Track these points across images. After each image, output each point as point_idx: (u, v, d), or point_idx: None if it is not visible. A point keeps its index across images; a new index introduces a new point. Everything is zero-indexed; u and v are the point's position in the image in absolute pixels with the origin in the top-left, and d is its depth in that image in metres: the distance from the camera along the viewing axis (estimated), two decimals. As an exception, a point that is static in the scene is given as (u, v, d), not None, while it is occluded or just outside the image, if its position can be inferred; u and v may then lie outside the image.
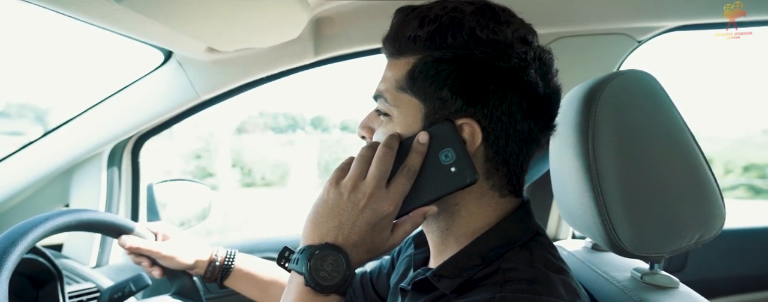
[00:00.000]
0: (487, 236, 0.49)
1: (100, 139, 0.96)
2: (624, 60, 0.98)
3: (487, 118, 0.46)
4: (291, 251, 0.50)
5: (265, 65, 0.97)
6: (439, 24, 0.46)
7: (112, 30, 0.71)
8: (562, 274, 0.46)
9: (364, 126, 0.55)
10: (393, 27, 0.50)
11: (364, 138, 0.56)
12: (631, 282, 0.65)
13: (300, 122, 10.10)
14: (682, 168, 0.56)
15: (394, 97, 0.49)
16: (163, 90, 0.96)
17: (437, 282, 0.48)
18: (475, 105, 0.46)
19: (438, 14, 0.47)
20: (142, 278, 0.78)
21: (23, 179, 0.95)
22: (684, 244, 0.57)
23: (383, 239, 0.47)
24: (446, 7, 0.47)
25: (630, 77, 0.58)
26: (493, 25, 0.46)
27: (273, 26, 0.80)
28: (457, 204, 0.50)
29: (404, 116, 0.49)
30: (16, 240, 0.58)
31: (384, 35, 0.52)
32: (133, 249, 0.72)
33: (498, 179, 0.49)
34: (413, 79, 0.48)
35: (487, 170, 0.49)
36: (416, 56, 0.48)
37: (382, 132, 0.51)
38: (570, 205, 0.64)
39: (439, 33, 0.46)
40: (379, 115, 0.52)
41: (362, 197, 0.46)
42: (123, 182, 1.09)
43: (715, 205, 0.56)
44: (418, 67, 0.47)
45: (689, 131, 0.57)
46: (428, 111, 0.48)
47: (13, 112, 7.16)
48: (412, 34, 0.47)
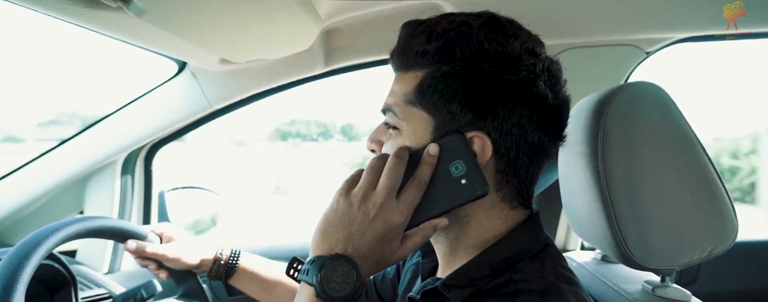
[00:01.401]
0: (497, 247, 0.49)
1: (114, 147, 0.98)
2: (632, 71, 0.98)
3: (497, 130, 0.47)
4: (300, 261, 0.49)
5: (276, 76, 0.99)
6: (448, 38, 0.46)
7: (131, 42, 0.73)
8: (572, 286, 0.46)
9: (373, 140, 0.55)
10: (400, 41, 0.51)
11: (373, 151, 0.56)
12: (642, 294, 0.65)
13: (331, 130, 10.15)
14: (692, 180, 0.56)
15: (403, 110, 0.50)
16: (177, 100, 0.98)
17: (447, 292, 0.48)
18: (485, 118, 0.46)
19: (446, 28, 0.47)
20: (152, 284, 0.79)
21: (40, 186, 0.97)
22: (696, 257, 0.57)
23: (393, 250, 0.47)
24: (454, 21, 0.47)
25: (639, 88, 0.58)
26: (501, 39, 0.46)
27: (284, 38, 0.82)
28: (467, 216, 0.50)
29: (413, 130, 0.49)
30: (30, 251, 0.58)
31: (391, 49, 0.52)
32: (139, 252, 0.73)
33: (508, 191, 0.49)
34: (422, 93, 0.48)
35: (498, 182, 0.49)
36: (424, 70, 0.48)
37: (391, 145, 0.51)
38: (579, 216, 0.64)
39: (448, 47, 0.46)
40: (387, 128, 0.52)
41: (373, 207, 0.46)
42: (136, 189, 1.10)
43: (726, 217, 0.56)
44: (427, 82, 0.48)
45: (699, 142, 0.57)
46: (438, 124, 0.48)
47: (64, 120, 7.41)
48: (421, 49, 0.48)
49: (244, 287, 0.80)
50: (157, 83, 0.98)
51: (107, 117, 0.98)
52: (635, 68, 0.98)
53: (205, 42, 0.75)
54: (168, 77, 0.98)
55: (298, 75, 0.99)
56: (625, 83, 0.59)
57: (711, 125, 4.81)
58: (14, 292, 0.55)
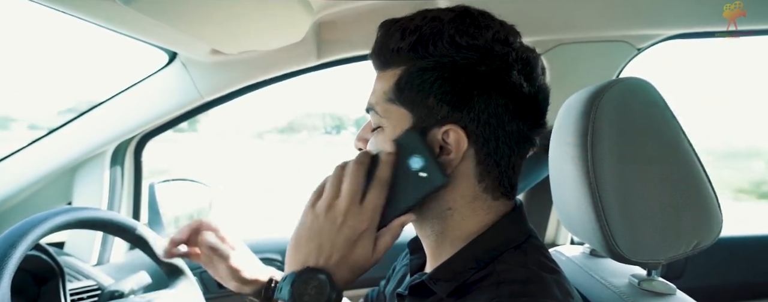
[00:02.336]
0: (482, 238, 0.50)
1: (104, 138, 0.97)
2: (624, 67, 0.99)
3: (474, 122, 0.47)
4: (277, 281, 0.49)
5: (267, 68, 0.98)
6: (420, 34, 0.47)
7: (120, 31, 0.72)
8: (555, 275, 0.47)
9: (360, 139, 0.56)
10: (377, 41, 0.51)
11: (360, 150, 0.56)
12: (628, 287, 0.66)
13: (345, 123, 10.14)
14: (679, 175, 0.56)
15: (383, 109, 0.50)
16: (167, 91, 0.97)
17: (433, 286, 0.49)
18: (461, 110, 0.47)
19: (418, 25, 0.48)
20: (142, 276, 0.78)
21: (28, 176, 0.96)
22: (681, 251, 0.58)
23: (366, 255, 0.47)
24: (425, 17, 0.48)
25: (628, 84, 0.58)
26: (472, 31, 0.47)
27: (276, 29, 0.81)
28: (450, 209, 0.50)
29: (393, 127, 0.49)
30: (17, 240, 0.58)
31: (371, 49, 0.53)
32: (211, 245, 0.65)
33: (490, 181, 0.50)
34: (400, 89, 0.49)
35: (479, 173, 0.49)
36: (401, 67, 0.49)
37: (373, 143, 0.52)
38: (568, 210, 0.65)
39: (421, 43, 0.47)
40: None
41: (339, 215, 0.46)
42: (125, 181, 1.09)
43: (712, 212, 0.57)
44: (404, 78, 0.48)
45: (687, 138, 0.58)
46: (416, 120, 0.48)
47: (82, 107, 7.41)
48: (395, 46, 0.48)
49: None
50: (148, 74, 0.97)
51: (97, 107, 0.97)
52: (627, 64, 0.99)
53: (195, 32, 0.74)
54: (158, 68, 0.97)
55: (290, 67, 0.99)
56: (615, 79, 0.59)
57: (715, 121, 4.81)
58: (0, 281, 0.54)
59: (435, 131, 0.48)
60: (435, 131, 0.48)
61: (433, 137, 0.48)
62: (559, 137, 0.63)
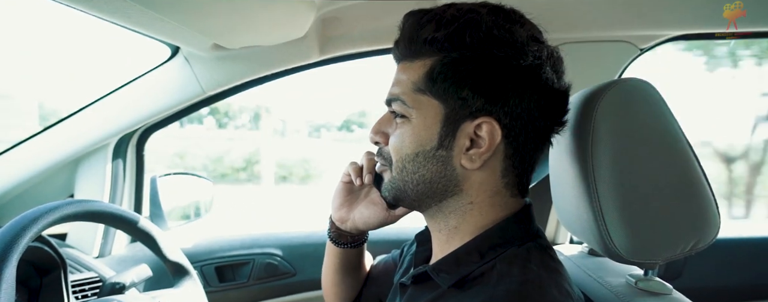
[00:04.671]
0: (489, 233, 0.50)
1: (106, 131, 0.97)
2: (626, 68, 0.99)
3: (508, 116, 0.47)
4: None
5: (269, 63, 0.98)
6: (457, 25, 0.47)
7: (123, 25, 0.72)
8: (555, 275, 0.47)
9: (377, 131, 0.55)
10: (406, 30, 0.51)
11: (377, 144, 0.56)
12: (625, 287, 0.66)
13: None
14: (678, 176, 0.56)
15: (412, 99, 0.50)
16: (169, 85, 0.97)
17: (436, 276, 0.49)
18: (495, 104, 0.47)
19: (454, 15, 0.47)
20: (143, 269, 0.79)
21: (30, 168, 0.96)
22: (678, 251, 0.58)
23: None
24: (461, 9, 0.48)
25: (629, 85, 0.58)
26: (508, 25, 0.47)
27: (279, 24, 0.81)
28: (472, 203, 0.51)
29: (423, 118, 0.49)
30: (21, 230, 0.59)
31: (396, 38, 0.52)
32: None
33: (512, 177, 0.50)
34: (432, 80, 0.48)
35: (505, 168, 0.50)
36: (433, 58, 0.48)
37: (399, 134, 0.51)
38: (568, 210, 0.65)
39: (458, 34, 0.47)
40: (395, 117, 0.52)
41: None
42: (127, 174, 1.10)
43: (710, 213, 0.57)
44: (438, 69, 0.48)
45: (686, 139, 0.58)
46: (449, 112, 0.48)
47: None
48: (429, 36, 0.48)
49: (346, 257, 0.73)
50: (150, 67, 0.97)
51: (99, 100, 0.97)
52: (629, 65, 0.98)
53: (198, 26, 0.75)
54: (160, 62, 0.97)
55: (293, 63, 0.99)
56: (616, 80, 0.59)
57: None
58: (3, 272, 0.55)
59: (467, 124, 0.48)
60: (467, 123, 0.48)
61: (465, 129, 0.48)
62: (559, 136, 0.63)
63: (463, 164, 0.49)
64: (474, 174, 0.49)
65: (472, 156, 0.48)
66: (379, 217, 0.64)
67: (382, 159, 0.55)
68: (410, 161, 0.50)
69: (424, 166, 0.50)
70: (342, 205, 0.68)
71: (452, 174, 0.49)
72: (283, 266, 1.14)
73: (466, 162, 0.48)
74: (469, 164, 0.48)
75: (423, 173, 0.50)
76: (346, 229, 0.68)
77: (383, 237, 1.05)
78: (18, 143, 0.96)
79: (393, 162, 0.52)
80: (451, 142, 0.49)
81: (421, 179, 0.50)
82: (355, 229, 0.67)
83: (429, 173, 0.50)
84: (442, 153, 0.49)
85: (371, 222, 0.65)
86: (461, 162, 0.49)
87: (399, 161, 0.51)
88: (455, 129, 0.48)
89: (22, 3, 9.95)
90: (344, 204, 0.68)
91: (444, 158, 0.49)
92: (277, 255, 1.15)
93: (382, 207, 0.64)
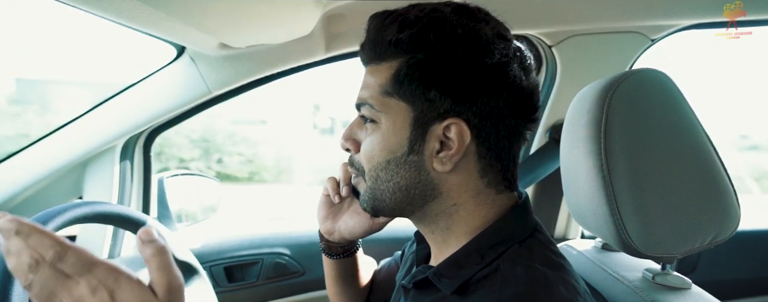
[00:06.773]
0: (486, 233, 0.49)
1: (113, 133, 0.97)
2: (637, 59, 0.97)
3: (477, 116, 0.47)
4: None
5: (276, 61, 0.97)
6: (421, 25, 0.46)
7: (129, 25, 0.72)
8: (561, 271, 0.46)
9: (347, 137, 0.54)
10: (370, 32, 0.50)
11: (348, 151, 0.55)
12: (643, 282, 0.65)
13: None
14: (695, 168, 0.55)
15: (380, 102, 0.49)
16: (176, 85, 0.97)
17: (438, 282, 0.48)
18: (463, 104, 0.46)
19: (418, 16, 0.47)
20: None
21: (39, 171, 0.96)
22: (697, 245, 0.57)
23: None
24: (424, 9, 0.47)
25: (643, 75, 0.57)
26: (473, 23, 0.46)
27: (285, 22, 0.80)
28: (455, 204, 0.50)
29: (392, 121, 0.49)
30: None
31: (361, 42, 0.51)
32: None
33: (493, 176, 0.49)
34: (399, 82, 0.47)
35: (482, 168, 0.49)
36: (399, 60, 0.48)
37: (369, 142, 0.50)
38: (580, 204, 0.64)
39: (422, 34, 0.46)
40: (365, 122, 0.51)
41: None
42: (135, 175, 1.10)
43: (729, 205, 0.56)
44: (403, 70, 0.47)
45: (703, 130, 0.57)
46: (417, 114, 0.47)
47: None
48: (393, 38, 0.47)
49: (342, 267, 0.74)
50: (156, 68, 0.97)
51: (105, 102, 0.97)
52: (640, 55, 0.97)
53: (203, 26, 0.74)
54: (166, 62, 0.97)
55: (299, 61, 0.98)
56: (630, 70, 0.58)
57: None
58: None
59: (436, 126, 0.47)
60: (436, 125, 0.47)
61: (434, 131, 0.47)
62: (571, 129, 0.62)
63: (435, 168, 0.48)
64: (450, 177, 0.48)
65: (443, 159, 0.47)
66: (363, 226, 0.64)
67: (354, 170, 0.55)
68: (383, 169, 0.49)
69: (397, 173, 0.49)
70: (326, 217, 0.67)
71: (427, 179, 0.49)
72: (292, 265, 1.14)
73: (437, 165, 0.48)
74: (440, 167, 0.47)
75: (397, 181, 0.49)
76: (334, 240, 0.68)
77: (383, 237, 1.05)
78: (27, 145, 0.97)
79: (365, 171, 0.52)
80: (421, 146, 0.48)
81: (396, 187, 0.49)
82: (342, 240, 0.67)
83: (403, 180, 0.49)
84: (414, 158, 0.48)
85: (357, 232, 0.64)
86: (433, 166, 0.48)
87: (371, 170, 0.51)
88: (425, 132, 0.47)
89: (22, 3, 10.00)
90: (328, 216, 0.67)
91: (416, 163, 0.48)
92: (285, 254, 1.15)
93: (366, 216, 0.63)
